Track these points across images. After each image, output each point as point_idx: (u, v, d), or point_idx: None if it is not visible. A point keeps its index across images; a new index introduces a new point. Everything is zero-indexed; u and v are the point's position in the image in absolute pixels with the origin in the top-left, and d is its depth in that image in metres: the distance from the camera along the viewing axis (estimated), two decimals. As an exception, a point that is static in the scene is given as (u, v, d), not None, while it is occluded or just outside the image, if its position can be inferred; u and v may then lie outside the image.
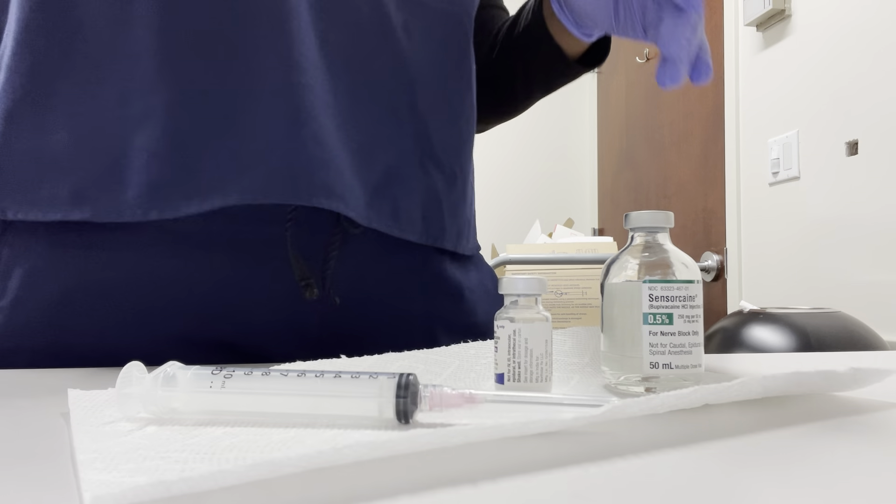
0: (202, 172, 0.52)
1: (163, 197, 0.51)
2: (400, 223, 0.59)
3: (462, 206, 0.66)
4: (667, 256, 0.42)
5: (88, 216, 0.51)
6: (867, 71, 1.96)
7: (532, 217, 3.55)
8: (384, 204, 0.58)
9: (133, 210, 0.51)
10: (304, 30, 0.54)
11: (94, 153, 0.52)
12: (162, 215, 0.51)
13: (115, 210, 0.51)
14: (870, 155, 1.96)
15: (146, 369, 0.33)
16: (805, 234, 2.21)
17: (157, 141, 0.51)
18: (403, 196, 0.59)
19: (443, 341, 0.60)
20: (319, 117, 0.54)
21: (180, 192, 0.52)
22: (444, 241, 0.63)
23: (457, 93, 0.65)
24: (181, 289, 0.54)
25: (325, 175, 0.54)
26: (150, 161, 0.51)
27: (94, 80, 0.52)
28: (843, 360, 0.59)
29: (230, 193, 0.52)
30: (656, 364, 0.40)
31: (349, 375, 0.32)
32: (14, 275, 0.54)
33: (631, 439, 0.30)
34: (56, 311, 0.53)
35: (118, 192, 0.51)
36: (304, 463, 0.23)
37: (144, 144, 0.51)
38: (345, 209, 0.55)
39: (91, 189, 0.52)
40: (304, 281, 0.56)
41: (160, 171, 0.51)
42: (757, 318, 1.71)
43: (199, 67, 0.52)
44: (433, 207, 0.62)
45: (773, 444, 0.29)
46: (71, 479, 0.25)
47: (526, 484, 0.24)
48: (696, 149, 2.87)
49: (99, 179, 0.52)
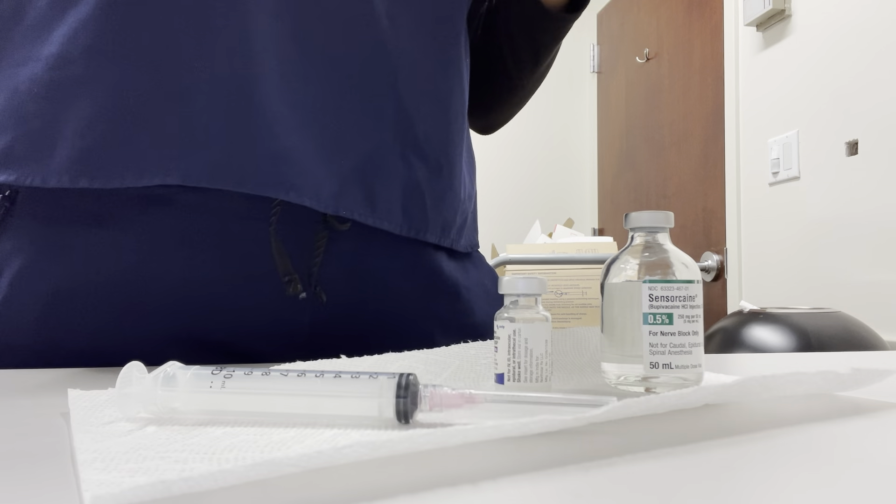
0: (139, 146, 0.51)
1: (94, 165, 0.50)
2: (376, 212, 0.57)
3: (449, 199, 0.64)
4: (667, 256, 0.42)
5: (13, 179, 0.50)
6: (867, 71, 1.96)
7: (532, 217, 3.55)
8: (357, 192, 0.56)
9: (60, 176, 0.50)
10: (268, 19, 0.53)
11: (27, 115, 0.51)
12: (92, 184, 0.50)
13: (41, 175, 0.50)
14: (870, 155, 1.96)
15: (146, 369, 0.33)
16: (805, 234, 2.21)
17: (94, 109, 0.50)
18: (381, 185, 0.58)
19: (439, 342, 0.60)
20: (273, 107, 0.53)
21: (113, 162, 0.50)
22: (427, 233, 0.61)
23: (444, 81, 0.63)
24: (170, 288, 0.54)
25: (276, 165, 0.53)
26: (83, 128, 0.50)
27: (38, 41, 0.51)
28: (843, 360, 0.59)
29: (171, 172, 0.51)
30: (656, 364, 0.40)
31: (349, 375, 0.32)
32: (4, 273, 0.54)
33: (631, 439, 0.30)
34: (46, 310, 0.53)
35: (47, 157, 0.50)
36: (304, 463, 0.23)
37: (80, 112, 0.50)
38: (298, 198, 0.53)
39: (18, 150, 0.50)
40: (287, 276, 0.55)
41: (93, 139, 0.50)
42: (757, 318, 1.71)
43: (148, 39, 0.51)
44: (415, 198, 0.60)
45: (773, 444, 0.29)
46: (71, 479, 0.25)
47: (526, 484, 0.24)
48: (696, 149, 2.87)
49: (28, 141, 0.50)
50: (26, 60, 0.51)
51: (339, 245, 0.58)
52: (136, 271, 0.54)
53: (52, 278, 0.53)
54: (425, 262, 0.63)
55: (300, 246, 0.57)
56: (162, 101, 0.51)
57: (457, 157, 0.65)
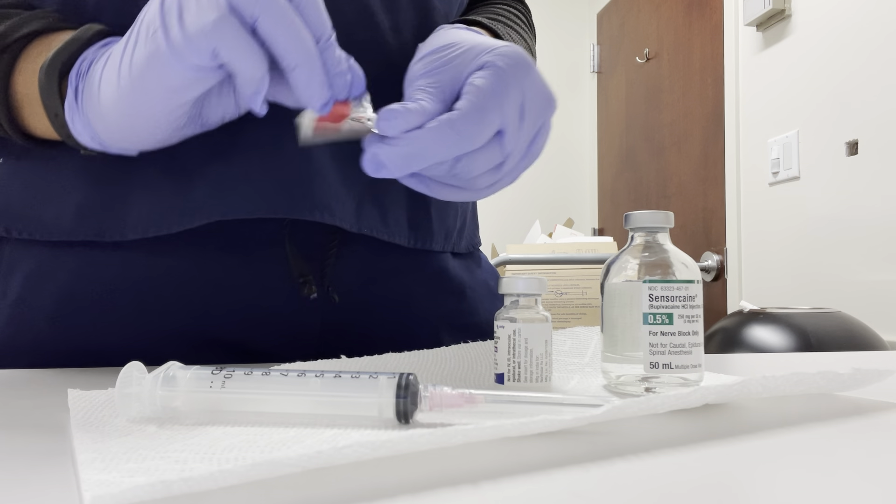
0: (193, 195, 0.53)
1: (157, 219, 0.53)
2: (389, 228, 0.59)
3: (449, 207, 0.65)
4: (667, 256, 0.42)
5: (93, 236, 0.54)
6: (867, 70, 1.96)
7: (532, 217, 3.55)
8: (373, 211, 0.58)
9: (135, 229, 0.53)
10: None
11: (99, 182, 0.54)
12: (159, 232, 0.53)
13: (119, 231, 0.53)
14: (870, 155, 1.96)
15: (146, 369, 0.33)
16: (805, 234, 2.21)
17: (154, 172, 0.53)
18: (391, 203, 0.59)
19: (446, 340, 0.60)
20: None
21: (173, 214, 0.53)
22: (433, 244, 0.63)
23: None
24: (182, 288, 0.54)
25: (311, 188, 0.54)
26: (147, 190, 0.53)
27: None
28: (844, 360, 0.59)
29: (215, 212, 0.53)
30: (656, 364, 0.40)
31: (349, 376, 0.32)
32: (16, 274, 0.55)
33: (631, 439, 0.30)
34: (58, 310, 0.54)
35: (121, 215, 0.53)
36: (304, 463, 0.23)
37: (143, 177, 0.53)
38: (331, 219, 0.55)
39: (97, 212, 0.54)
40: (302, 278, 0.56)
41: (155, 201, 0.53)
42: (757, 318, 1.71)
43: None
44: (420, 214, 0.62)
45: (773, 444, 0.29)
46: (71, 479, 0.25)
47: (526, 484, 0.24)
48: (696, 149, 2.87)
49: (103, 204, 0.54)
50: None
51: (350, 247, 0.59)
52: (148, 271, 0.54)
53: (63, 279, 0.54)
54: (432, 263, 0.64)
55: (311, 246, 0.57)
56: (208, 151, 0.53)
57: None
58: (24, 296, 0.54)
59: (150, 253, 0.54)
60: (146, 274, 0.54)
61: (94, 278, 0.54)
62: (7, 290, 0.55)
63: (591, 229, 3.74)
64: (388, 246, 0.60)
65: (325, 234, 0.58)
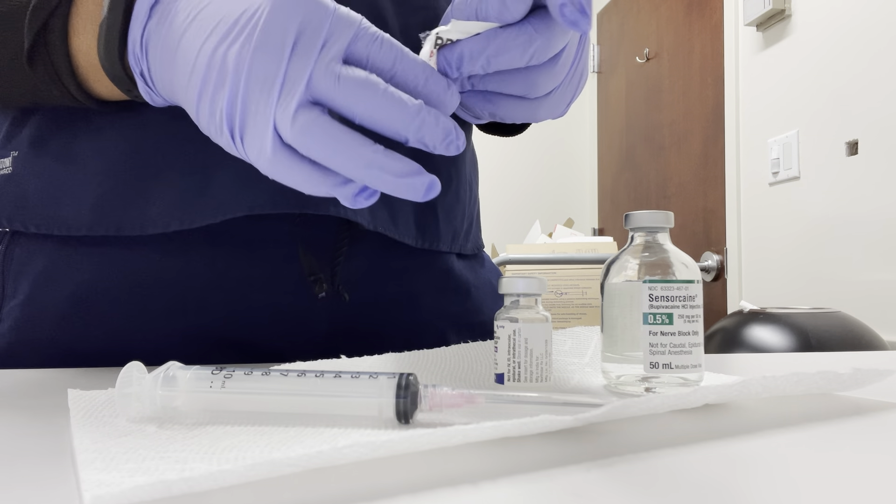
0: (215, 190, 0.54)
1: (179, 214, 0.53)
2: (398, 228, 0.60)
3: (457, 210, 0.66)
4: (667, 256, 0.42)
5: (113, 231, 0.54)
6: (867, 71, 1.96)
7: (532, 217, 3.55)
8: (383, 209, 0.59)
9: (155, 223, 0.54)
10: None
11: (119, 176, 0.54)
12: (181, 227, 0.54)
13: (139, 225, 0.53)
14: (870, 155, 1.96)
15: (146, 369, 0.33)
16: (805, 234, 2.21)
17: (176, 166, 0.53)
18: (398, 202, 0.60)
19: (452, 339, 0.61)
20: None
21: (195, 209, 0.53)
22: (440, 244, 0.64)
23: None
24: (192, 288, 0.55)
25: None
26: (167, 188, 0.54)
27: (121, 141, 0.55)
28: (844, 360, 0.59)
29: (239, 207, 0.53)
30: (656, 364, 0.40)
31: (349, 375, 0.32)
32: (26, 274, 0.55)
33: (631, 439, 0.30)
34: (68, 310, 0.54)
35: (142, 209, 0.54)
36: (304, 463, 0.23)
37: (163, 171, 0.54)
38: (353, 215, 0.56)
39: (116, 206, 0.54)
40: (313, 276, 0.57)
41: (177, 195, 0.53)
42: (757, 318, 1.71)
43: None
44: (427, 215, 0.63)
45: (774, 444, 0.29)
46: (71, 479, 0.25)
47: (526, 484, 0.24)
48: (696, 149, 2.87)
49: (124, 198, 0.54)
50: (107, 149, 0.55)
51: (358, 246, 0.59)
52: (158, 271, 0.54)
53: (74, 278, 0.54)
54: (438, 262, 0.64)
55: (321, 245, 0.58)
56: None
57: (462, 164, 0.67)
58: (33, 296, 0.54)
59: (162, 253, 0.54)
60: (156, 274, 0.54)
61: (104, 279, 0.54)
62: (17, 290, 0.55)
63: (591, 229, 3.74)
64: (395, 246, 0.61)
65: (335, 233, 0.58)
